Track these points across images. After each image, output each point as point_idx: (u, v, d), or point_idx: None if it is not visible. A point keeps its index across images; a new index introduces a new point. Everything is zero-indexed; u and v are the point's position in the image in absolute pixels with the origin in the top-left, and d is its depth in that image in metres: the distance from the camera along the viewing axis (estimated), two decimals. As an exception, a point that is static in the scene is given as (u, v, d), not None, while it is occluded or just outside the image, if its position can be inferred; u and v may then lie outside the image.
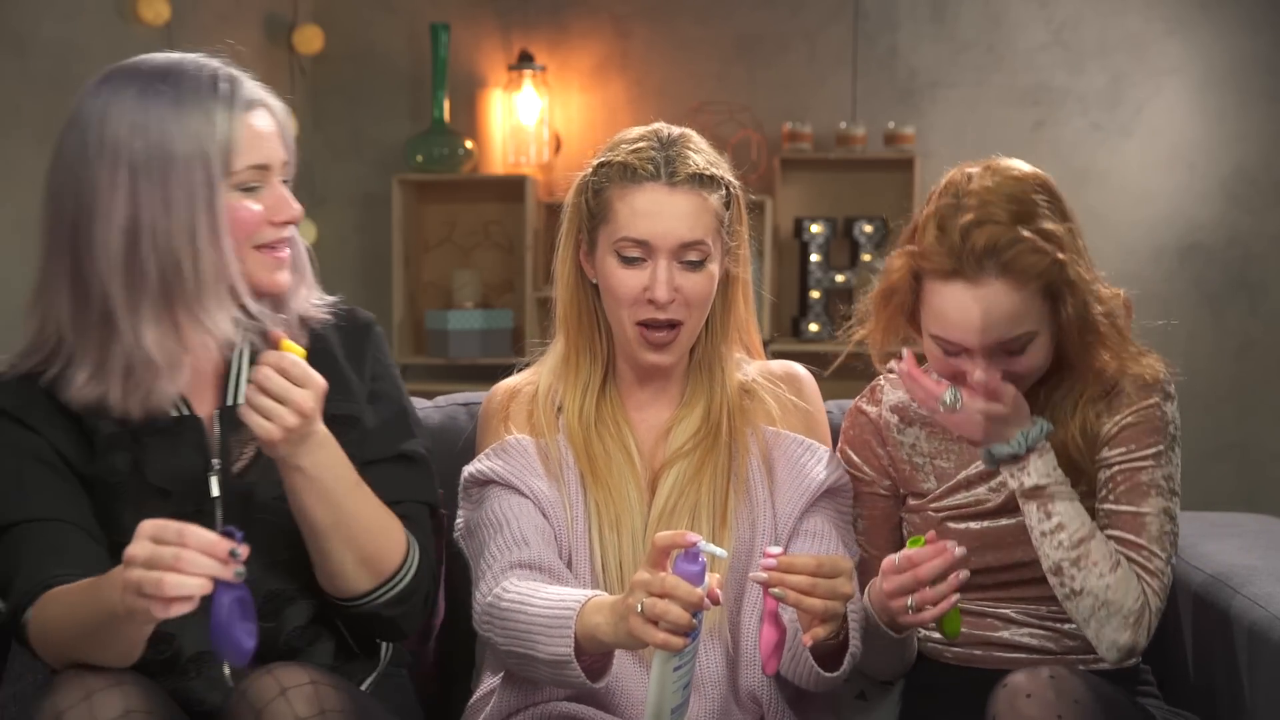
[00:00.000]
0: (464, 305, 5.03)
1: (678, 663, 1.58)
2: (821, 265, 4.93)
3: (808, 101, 5.03)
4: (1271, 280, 4.93)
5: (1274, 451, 4.93)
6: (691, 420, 1.92)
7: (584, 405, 1.92)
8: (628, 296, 1.85)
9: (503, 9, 5.13)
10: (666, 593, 1.54)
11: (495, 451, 1.91)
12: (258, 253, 1.69)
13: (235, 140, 1.66)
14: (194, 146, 1.63)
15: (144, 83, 1.66)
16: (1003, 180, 1.81)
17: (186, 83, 1.66)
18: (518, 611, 1.72)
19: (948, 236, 1.76)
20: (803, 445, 1.94)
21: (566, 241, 1.92)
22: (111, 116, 1.64)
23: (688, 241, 1.84)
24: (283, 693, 1.54)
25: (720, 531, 1.87)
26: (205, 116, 1.65)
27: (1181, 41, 4.90)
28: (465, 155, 4.99)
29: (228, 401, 1.74)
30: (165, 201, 1.62)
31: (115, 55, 3.12)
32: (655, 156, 1.85)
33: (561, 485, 1.88)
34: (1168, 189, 4.95)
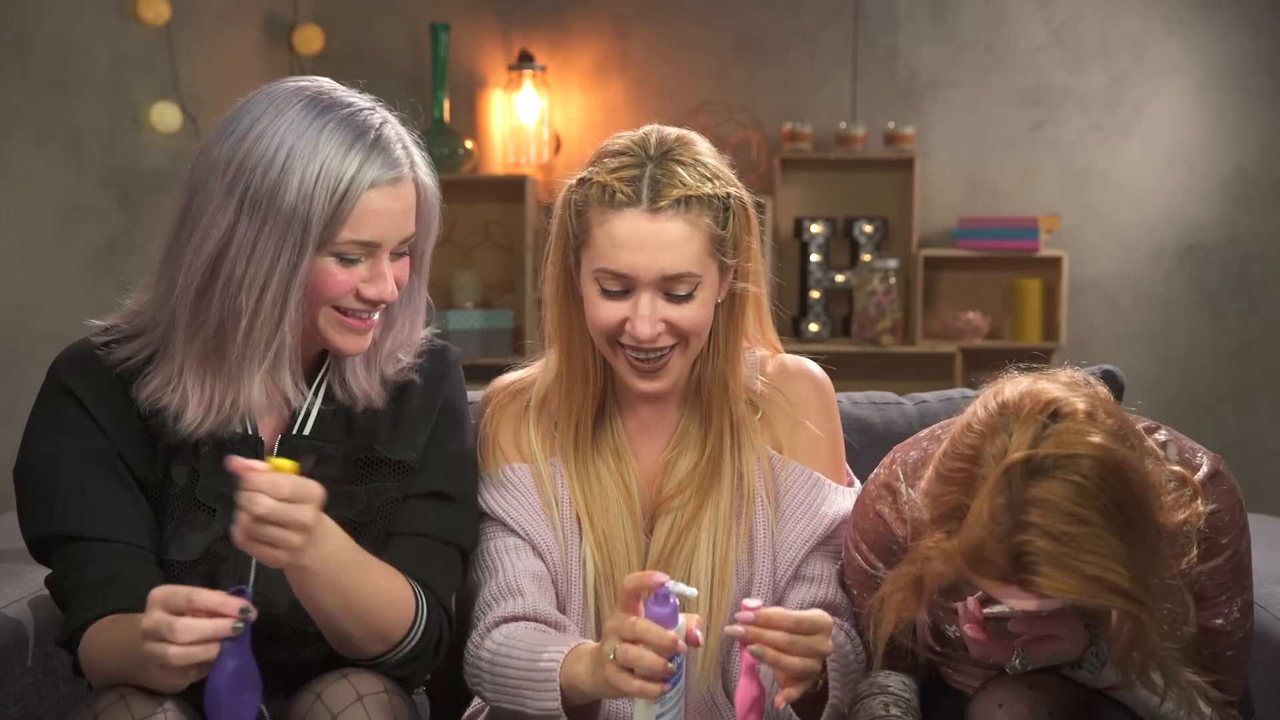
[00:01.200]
0: (464, 305, 5.03)
1: (659, 710, 1.52)
2: (821, 265, 4.93)
3: (808, 101, 5.03)
4: (1271, 280, 4.93)
5: (1274, 451, 4.93)
6: (689, 454, 1.81)
7: (579, 434, 1.80)
8: (608, 330, 1.71)
9: (503, 9, 5.13)
10: (638, 638, 1.47)
11: (492, 482, 1.82)
12: (334, 312, 1.63)
13: (346, 213, 1.58)
14: (302, 206, 1.57)
15: (303, 113, 1.59)
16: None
17: (333, 134, 1.59)
18: (504, 667, 1.68)
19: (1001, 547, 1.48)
20: (811, 482, 1.82)
21: (554, 255, 1.76)
22: (258, 132, 1.58)
23: (672, 274, 1.67)
24: (359, 699, 1.55)
25: (719, 591, 1.78)
26: (330, 179, 1.57)
27: (1181, 41, 4.90)
28: (465, 155, 4.99)
29: (293, 429, 1.70)
30: (252, 248, 1.57)
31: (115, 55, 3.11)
32: (637, 177, 1.68)
33: (557, 523, 1.80)
34: (1168, 189, 4.95)
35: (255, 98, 1.62)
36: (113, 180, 4.29)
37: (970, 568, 1.50)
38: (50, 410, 1.66)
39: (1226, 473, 1.70)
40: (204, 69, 4.64)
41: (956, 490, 1.52)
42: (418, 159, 1.65)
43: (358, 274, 1.62)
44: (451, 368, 1.80)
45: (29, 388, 1.71)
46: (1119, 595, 1.45)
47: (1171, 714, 1.69)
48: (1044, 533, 1.44)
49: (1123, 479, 1.47)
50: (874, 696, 1.82)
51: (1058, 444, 1.46)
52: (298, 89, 1.62)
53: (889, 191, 4.98)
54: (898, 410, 2.27)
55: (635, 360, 1.73)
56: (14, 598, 1.92)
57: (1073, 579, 1.44)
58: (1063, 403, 1.50)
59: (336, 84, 1.66)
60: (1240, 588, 1.71)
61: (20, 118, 4.08)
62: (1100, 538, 1.44)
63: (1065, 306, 4.82)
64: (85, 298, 4.09)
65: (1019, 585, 1.47)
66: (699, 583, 1.77)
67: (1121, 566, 1.44)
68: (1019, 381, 1.56)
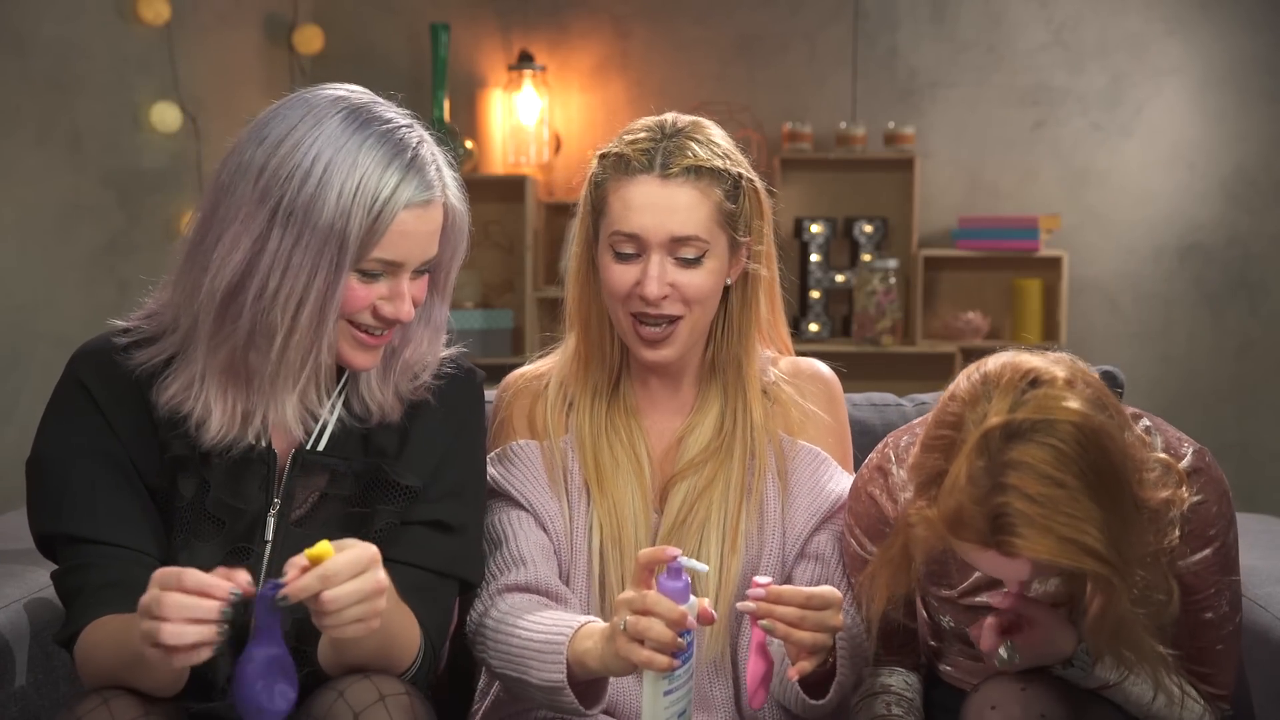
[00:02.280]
0: (464, 305, 5.03)
1: (668, 686, 1.52)
2: (821, 265, 4.93)
3: (808, 101, 5.03)
4: (1271, 280, 4.93)
5: (1274, 451, 4.93)
6: (705, 428, 1.85)
7: (594, 407, 1.85)
8: (619, 292, 1.78)
9: (503, 9, 5.13)
10: (649, 609, 1.50)
11: (500, 458, 1.86)
12: (349, 326, 1.62)
13: (380, 232, 1.56)
14: (339, 222, 1.54)
15: (342, 125, 1.57)
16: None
17: (373, 150, 1.57)
18: (510, 635, 1.70)
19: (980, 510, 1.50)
20: (818, 459, 1.87)
21: (578, 235, 1.85)
22: (295, 140, 1.56)
23: (680, 236, 1.75)
24: (381, 699, 1.55)
25: (729, 557, 1.81)
26: (366, 197, 1.55)
27: (1181, 41, 4.90)
28: (465, 155, 4.99)
29: (308, 445, 1.68)
30: (287, 262, 1.54)
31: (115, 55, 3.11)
32: (651, 148, 1.77)
33: (563, 495, 1.83)
34: (1168, 189, 4.95)
35: (292, 103, 1.60)
36: (113, 180, 4.29)
37: (950, 531, 1.52)
38: (67, 406, 1.66)
39: (1212, 464, 1.71)
40: (204, 69, 4.64)
41: (939, 456, 1.55)
42: (449, 181, 1.64)
43: (377, 291, 1.60)
44: (473, 395, 1.78)
45: (29, 388, 1.71)
46: (1092, 557, 1.47)
47: (1164, 711, 1.70)
48: (1022, 495, 1.47)
49: (1100, 445, 1.49)
50: (877, 696, 1.82)
51: (1036, 409, 1.49)
52: (337, 99, 1.61)
53: (889, 191, 4.98)
54: (897, 412, 2.27)
55: (641, 327, 1.79)
56: (14, 598, 1.92)
57: (1049, 540, 1.47)
58: (1042, 371, 1.53)
59: (374, 95, 1.65)
60: (1228, 581, 1.72)
61: (20, 118, 4.08)
62: (1076, 500, 1.47)
63: (1065, 306, 4.82)
64: (85, 298, 4.10)
65: (997, 548, 1.49)
66: (710, 551, 1.81)
67: (1096, 529, 1.47)
68: (1002, 355, 1.59)
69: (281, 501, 1.67)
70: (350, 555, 1.42)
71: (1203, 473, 1.69)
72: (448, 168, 1.64)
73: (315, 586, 1.39)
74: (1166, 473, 1.64)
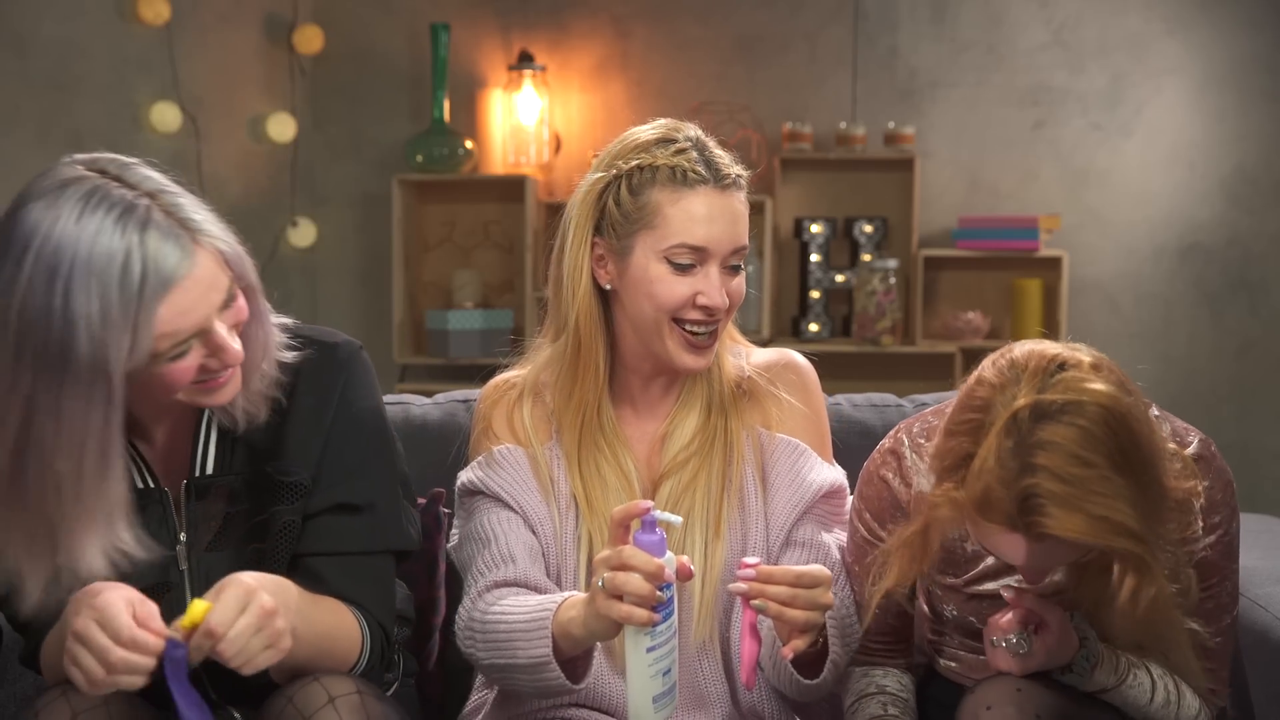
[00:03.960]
0: (464, 305, 5.03)
1: (650, 643, 1.54)
2: (821, 265, 4.93)
3: (808, 101, 5.03)
4: (1271, 280, 4.93)
5: (1274, 451, 4.92)
6: (689, 424, 1.87)
7: (582, 423, 1.85)
8: (676, 303, 1.78)
9: (503, 9, 5.13)
10: (625, 563, 1.52)
11: (486, 462, 1.87)
12: (190, 388, 1.57)
13: (147, 338, 1.47)
14: (95, 352, 1.45)
15: (63, 243, 1.45)
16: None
17: (104, 258, 1.45)
18: (498, 622, 1.71)
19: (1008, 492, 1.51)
20: (797, 451, 1.88)
21: (577, 249, 1.82)
22: (26, 282, 1.44)
23: (740, 246, 1.80)
24: (330, 701, 1.54)
25: (713, 543, 1.84)
26: (118, 316, 1.45)
27: (1181, 41, 4.90)
28: (465, 155, 4.99)
29: (195, 472, 1.66)
30: (59, 410, 1.46)
31: (115, 55, 3.09)
32: (699, 158, 1.79)
33: (552, 503, 1.84)
34: (1168, 189, 4.95)
35: (16, 224, 1.47)
36: (113, 180, 4.29)
37: (978, 512, 1.52)
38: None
39: (1217, 453, 1.73)
40: (204, 69, 4.64)
41: (965, 440, 1.55)
42: (201, 227, 1.53)
43: (196, 356, 1.54)
44: (342, 368, 1.73)
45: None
46: (1125, 535, 1.48)
47: (1161, 712, 1.70)
48: (1051, 474, 1.47)
49: (1127, 426, 1.50)
50: (872, 697, 1.83)
51: (1064, 390, 1.51)
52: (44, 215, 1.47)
53: (889, 191, 4.98)
54: (897, 412, 2.27)
55: (691, 335, 1.81)
56: (14, 598, 1.92)
57: (1079, 518, 1.47)
58: (1068, 356, 1.55)
59: (90, 174, 1.53)
60: (1230, 569, 1.73)
61: (20, 118, 4.08)
62: (1106, 479, 1.47)
63: (1065, 306, 4.82)
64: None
65: (1025, 530, 1.50)
66: (695, 539, 1.83)
67: (1128, 506, 1.47)
68: (1026, 342, 1.61)
69: (188, 532, 1.66)
70: (226, 598, 1.45)
71: (1208, 461, 1.71)
72: (194, 210, 1.53)
73: (207, 645, 1.43)
74: (1185, 464, 1.65)
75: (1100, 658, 1.66)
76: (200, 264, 1.51)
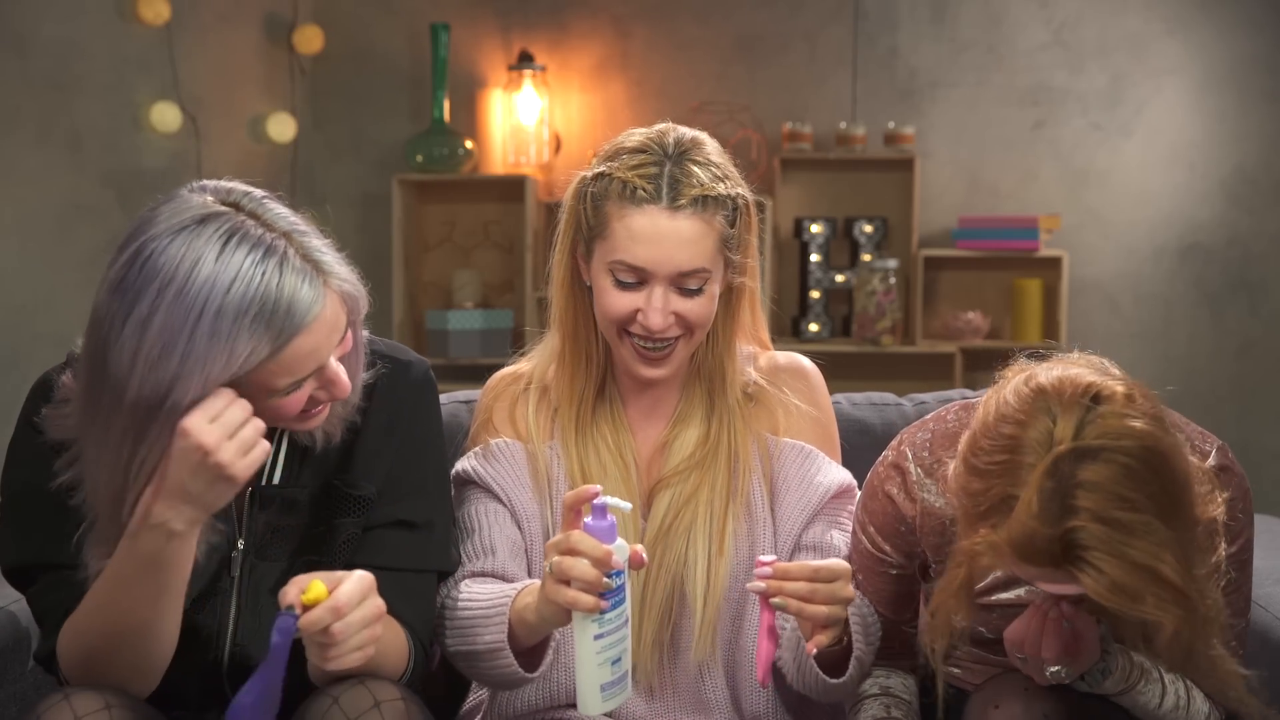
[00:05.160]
0: (464, 305, 5.03)
1: (597, 630, 1.52)
2: (821, 265, 4.93)
3: (808, 101, 5.03)
4: (1271, 280, 4.93)
5: (1274, 451, 4.93)
6: (689, 435, 1.85)
7: (581, 411, 1.84)
8: (619, 319, 1.77)
9: (503, 9, 5.13)
10: (572, 548, 1.50)
11: (483, 453, 1.86)
12: (294, 416, 1.59)
13: (273, 376, 1.50)
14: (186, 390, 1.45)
15: (200, 288, 1.45)
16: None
17: (233, 303, 1.45)
18: (462, 609, 1.71)
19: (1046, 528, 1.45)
20: (804, 454, 1.87)
21: (563, 243, 1.82)
22: (150, 351, 1.46)
23: (687, 270, 1.74)
24: (376, 705, 1.55)
25: (716, 559, 1.80)
26: (242, 357, 1.46)
27: (1181, 41, 4.90)
28: (465, 155, 4.99)
29: (262, 480, 1.67)
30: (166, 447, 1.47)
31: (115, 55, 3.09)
32: (657, 175, 1.73)
33: (546, 500, 1.83)
34: (1168, 189, 4.95)
35: (148, 267, 1.47)
36: (113, 180, 4.29)
37: (1020, 558, 1.47)
38: (26, 445, 1.64)
39: (1234, 460, 1.71)
40: (204, 69, 4.64)
41: (1000, 481, 1.49)
42: (329, 269, 1.53)
43: (308, 390, 1.55)
44: (414, 388, 1.75)
45: (29, 388, 1.70)
46: (1168, 588, 1.43)
47: (1171, 715, 1.69)
48: (1094, 516, 1.42)
49: (1169, 465, 1.46)
50: (875, 698, 1.82)
51: (1103, 429, 1.45)
52: (182, 252, 1.47)
53: (889, 191, 4.98)
54: (897, 411, 2.27)
55: (642, 349, 1.78)
56: (14, 597, 1.92)
57: (1123, 566, 1.42)
58: (1102, 387, 1.49)
59: (220, 206, 1.50)
60: (1245, 577, 1.72)
61: (20, 118, 4.08)
62: (1150, 525, 1.43)
63: (1065, 306, 4.82)
64: (85, 298, 4.06)
65: (1067, 574, 1.45)
66: (697, 554, 1.81)
67: (1172, 557, 1.43)
68: (1050, 367, 1.54)
69: (245, 540, 1.67)
70: (353, 585, 1.46)
71: (1228, 470, 1.69)
72: (319, 251, 1.53)
73: (327, 619, 1.43)
74: (1209, 480, 1.60)
75: (1117, 667, 1.64)
76: (329, 306, 1.52)
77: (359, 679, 1.58)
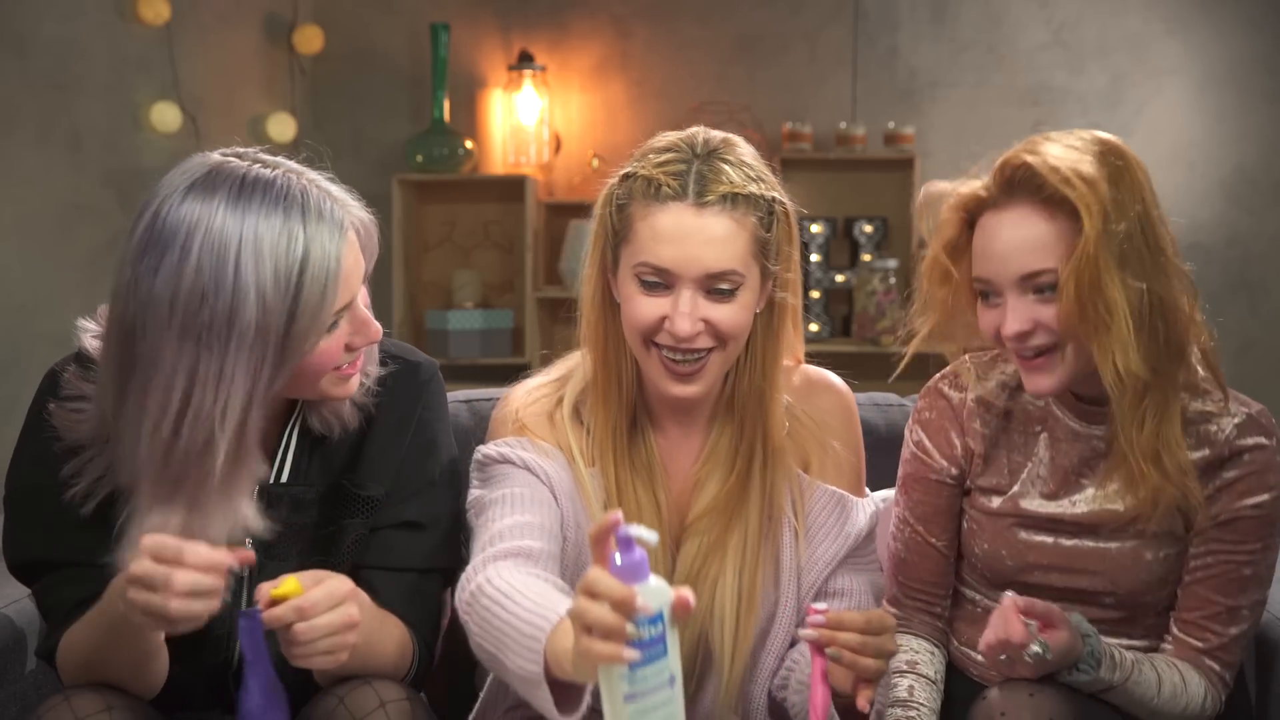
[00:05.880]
0: (464, 305, 5.03)
1: (628, 690, 1.21)
2: (821, 265, 4.93)
3: (808, 101, 5.03)
4: (1271, 280, 4.93)
5: (1274, 451, 4.92)
6: (719, 472, 1.73)
7: (616, 444, 1.72)
8: (645, 326, 1.64)
9: (503, 9, 5.13)
10: (590, 588, 1.22)
11: (520, 441, 1.72)
12: (333, 373, 1.60)
13: (309, 304, 1.50)
14: (261, 319, 1.48)
15: (229, 215, 1.48)
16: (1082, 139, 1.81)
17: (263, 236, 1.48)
18: (497, 606, 1.50)
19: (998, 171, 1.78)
20: (838, 501, 1.77)
21: (592, 257, 1.70)
22: (195, 261, 1.47)
23: (715, 271, 1.62)
24: (382, 705, 1.55)
25: (746, 617, 1.72)
26: (276, 283, 1.48)
27: (1181, 41, 4.90)
28: (465, 155, 4.99)
29: (271, 479, 1.66)
30: (219, 377, 1.48)
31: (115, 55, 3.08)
32: (683, 171, 1.63)
33: (585, 524, 1.71)
34: (1168, 189, 4.90)
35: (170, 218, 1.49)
36: (113, 180, 4.29)
37: (971, 206, 1.83)
38: (37, 437, 1.63)
39: (1273, 423, 1.84)
40: (204, 69, 4.64)
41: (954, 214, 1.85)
42: (347, 201, 1.57)
43: (344, 333, 1.57)
44: (423, 388, 1.74)
45: (29, 388, 1.70)
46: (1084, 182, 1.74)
47: (1169, 704, 1.70)
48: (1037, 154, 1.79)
49: (1123, 153, 1.85)
50: (904, 675, 1.81)
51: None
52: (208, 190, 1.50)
53: (889, 191, 4.98)
54: (900, 411, 2.27)
55: (670, 361, 1.66)
56: (14, 597, 1.92)
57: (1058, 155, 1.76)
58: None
59: (233, 161, 1.55)
60: (1274, 542, 1.76)
61: (20, 118, 4.08)
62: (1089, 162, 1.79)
63: (1065, 306, 4.81)
64: (85, 298, 4.07)
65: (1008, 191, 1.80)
66: (725, 609, 1.71)
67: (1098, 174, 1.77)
68: None
69: (253, 537, 1.66)
70: (327, 589, 1.45)
71: (1263, 424, 1.83)
72: (335, 187, 1.57)
73: (289, 618, 1.43)
74: (1220, 403, 1.84)
75: (1105, 654, 1.66)
76: (351, 237, 1.55)
77: (365, 679, 1.58)
